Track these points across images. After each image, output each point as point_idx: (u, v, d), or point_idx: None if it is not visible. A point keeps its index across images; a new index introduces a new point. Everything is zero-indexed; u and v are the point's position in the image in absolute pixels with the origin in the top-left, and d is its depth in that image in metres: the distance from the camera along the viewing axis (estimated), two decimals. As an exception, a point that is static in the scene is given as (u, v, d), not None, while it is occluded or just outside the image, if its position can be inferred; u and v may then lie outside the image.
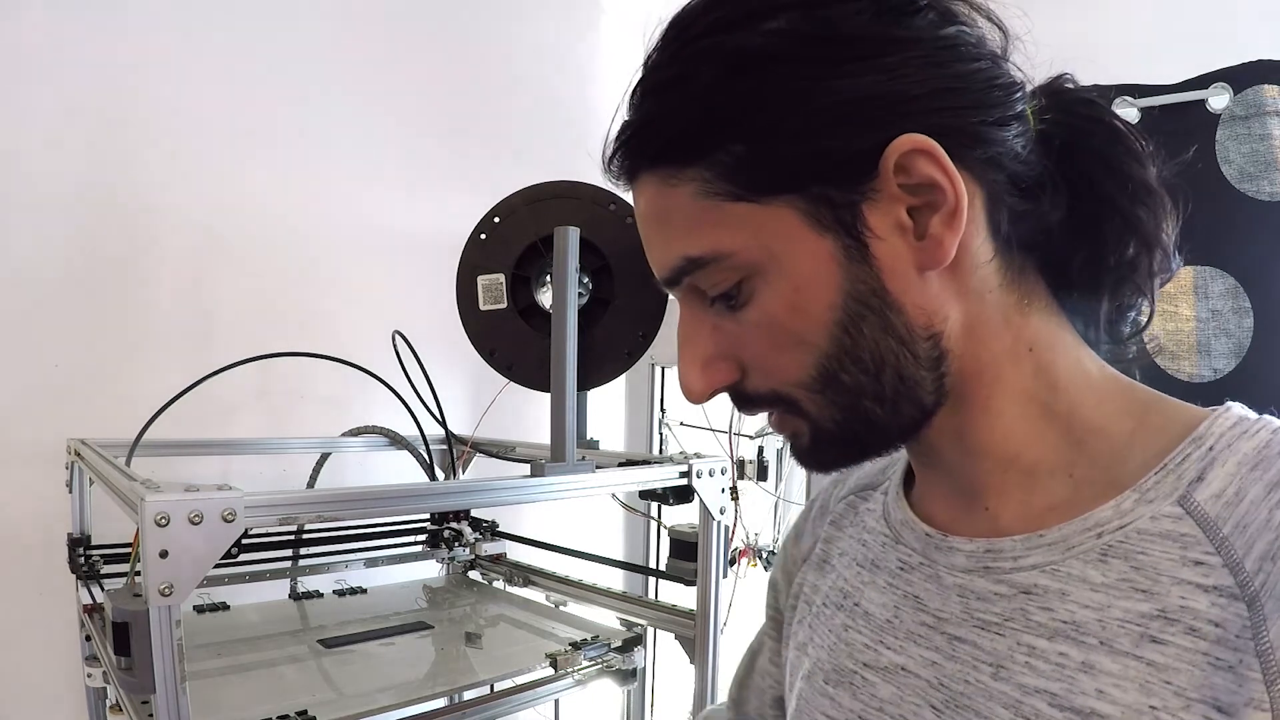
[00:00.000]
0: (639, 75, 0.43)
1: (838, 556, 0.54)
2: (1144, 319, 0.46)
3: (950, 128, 0.38)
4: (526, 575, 1.23)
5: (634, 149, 0.43)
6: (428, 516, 1.23)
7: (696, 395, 0.45)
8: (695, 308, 0.44)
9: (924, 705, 0.43)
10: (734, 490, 1.72)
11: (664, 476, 0.92)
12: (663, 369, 1.85)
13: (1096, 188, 0.42)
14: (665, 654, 1.34)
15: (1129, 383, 0.44)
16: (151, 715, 0.62)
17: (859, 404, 0.41)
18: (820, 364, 0.41)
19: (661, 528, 1.20)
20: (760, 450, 1.90)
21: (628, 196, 0.46)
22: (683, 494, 0.95)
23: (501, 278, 0.93)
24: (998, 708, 0.39)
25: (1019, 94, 0.41)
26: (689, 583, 0.98)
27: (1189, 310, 1.33)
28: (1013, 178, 0.41)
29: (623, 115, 0.44)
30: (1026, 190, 0.41)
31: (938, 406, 0.42)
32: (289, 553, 1.17)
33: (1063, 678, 0.37)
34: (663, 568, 1.05)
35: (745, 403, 0.45)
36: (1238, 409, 0.40)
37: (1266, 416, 0.39)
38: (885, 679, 0.46)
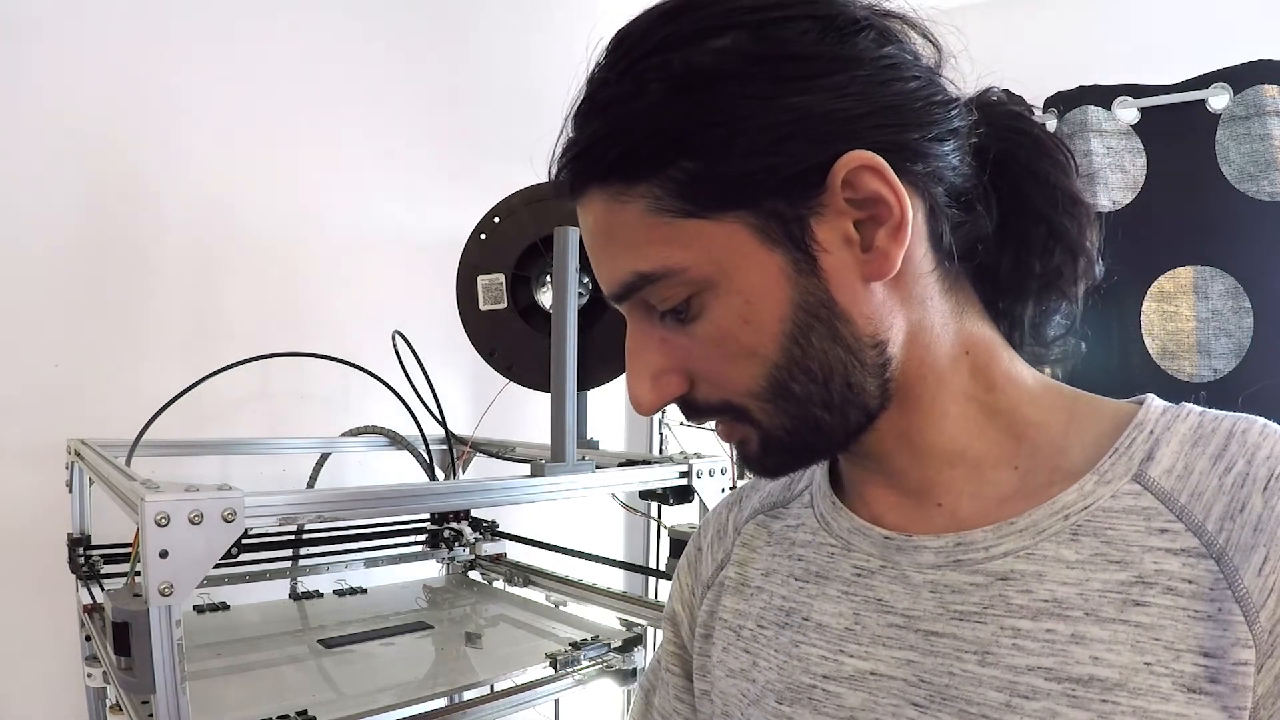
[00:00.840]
0: (585, 91, 0.44)
1: (762, 578, 0.53)
2: (1067, 323, 0.49)
3: (894, 144, 0.39)
4: (526, 575, 1.22)
5: (582, 166, 0.43)
6: (428, 516, 1.23)
7: (646, 407, 0.45)
8: (643, 322, 0.45)
9: (904, 704, 0.43)
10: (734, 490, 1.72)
11: (664, 476, 0.92)
12: (663, 369, 1.85)
13: (1025, 198, 0.45)
14: (665, 654, 1.34)
15: (1051, 381, 0.47)
16: (151, 715, 0.62)
17: (808, 412, 0.43)
18: (771, 374, 0.42)
19: (661, 528, 1.20)
20: (760, 450, 1.89)
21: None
22: (683, 494, 0.95)
23: (501, 278, 0.93)
24: (989, 691, 0.40)
25: (955, 109, 0.42)
26: (689, 583, 0.98)
27: (1189, 310, 1.33)
28: (950, 190, 0.42)
29: (568, 131, 0.44)
30: (963, 202, 0.43)
31: (881, 410, 0.44)
32: (289, 553, 1.17)
33: (1055, 652, 0.39)
34: (663, 568, 1.05)
35: (694, 413, 0.46)
36: (1154, 399, 0.44)
37: (1184, 405, 0.43)
38: (852, 687, 0.45)
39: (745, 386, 0.43)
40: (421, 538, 1.25)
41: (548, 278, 0.92)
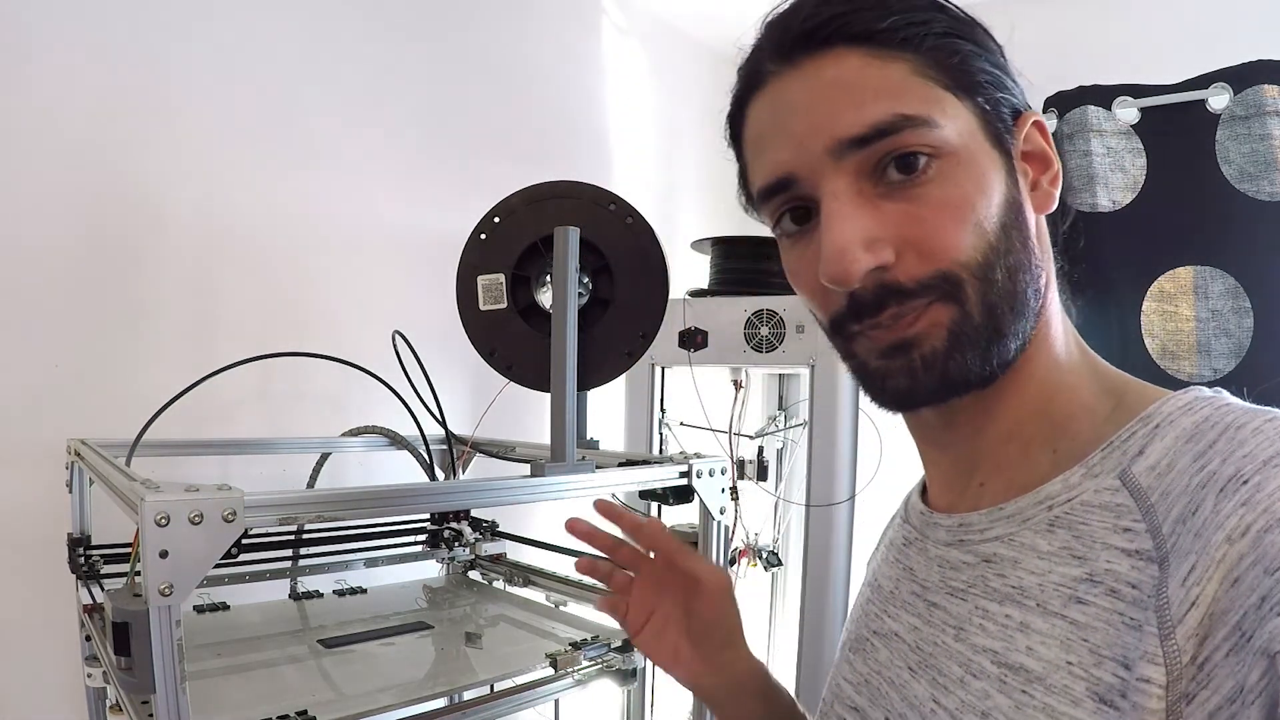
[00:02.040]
0: None
1: (883, 541, 0.60)
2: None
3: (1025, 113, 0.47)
4: (526, 575, 1.22)
5: (845, 22, 0.43)
6: (428, 516, 1.23)
7: (856, 272, 0.42)
8: (854, 185, 0.43)
9: (904, 667, 0.48)
10: (734, 490, 1.72)
11: (664, 476, 0.92)
12: (662, 369, 1.85)
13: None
14: (665, 654, 1.33)
15: (1107, 366, 0.48)
16: (151, 715, 0.62)
17: (999, 307, 0.43)
18: (985, 251, 0.43)
19: (661, 528, 1.19)
20: (760, 450, 1.90)
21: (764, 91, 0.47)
22: (683, 494, 0.95)
23: (501, 278, 0.93)
24: (954, 666, 0.43)
25: None
26: (689, 583, 0.98)
27: (1189, 310, 1.33)
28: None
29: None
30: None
31: (1021, 352, 0.45)
32: (289, 553, 1.17)
33: (1004, 637, 0.41)
34: (663, 568, 1.05)
35: (893, 295, 0.43)
36: (1199, 390, 0.42)
37: (1222, 396, 0.42)
38: (884, 644, 0.51)
39: (966, 257, 0.42)
40: (421, 538, 1.25)
41: (548, 278, 0.92)
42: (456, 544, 1.23)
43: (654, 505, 1.12)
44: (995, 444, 0.47)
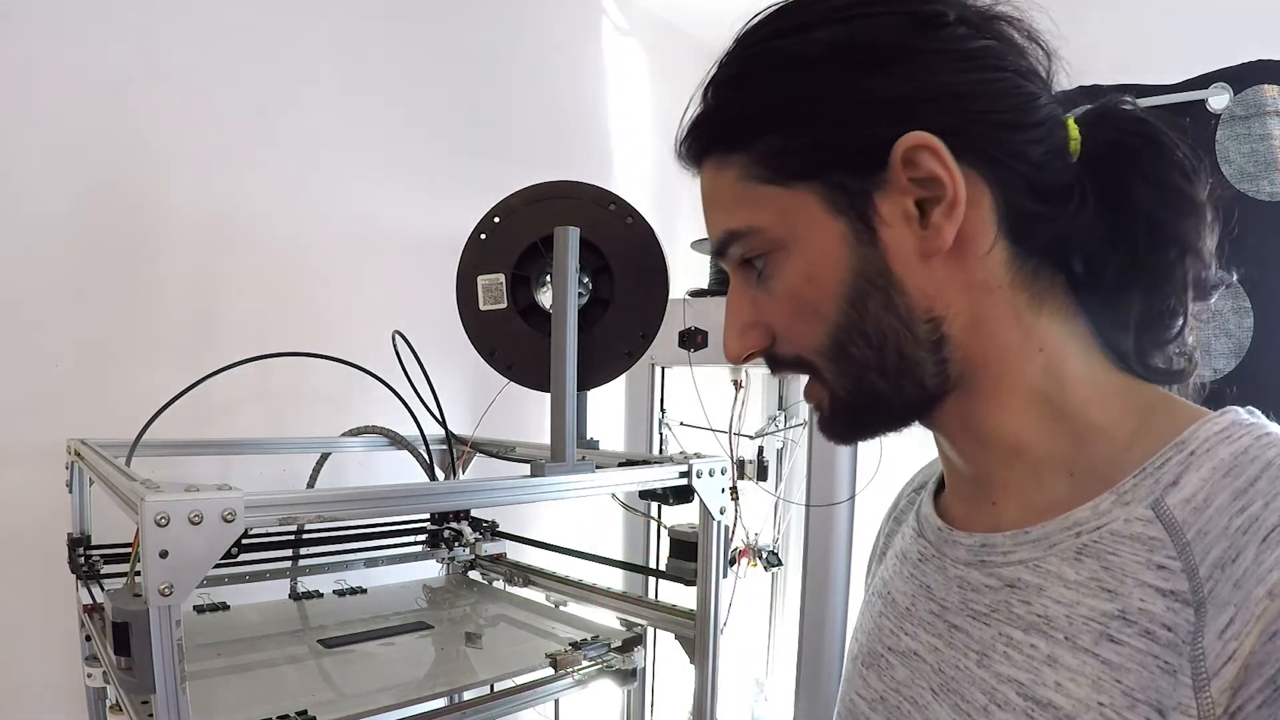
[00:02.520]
0: (710, 74, 0.49)
1: (891, 549, 0.59)
2: (1179, 326, 0.46)
3: (958, 129, 0.41)
4: (526, 575, 1.22)
5: (695, 137, 0.49)
6: (428, 516, 1.23)
7: (732, 356, 0.50)
8: (739, 281, 0.49)
9: (926, 689, 0.46)
10: (734, 490, 1.72)
11: (664, 476, 0.92)
12: (662, 369, 1.85)
13: (1132, 195, 0.43)
14: (665, 654, 1.34)
15: (1139, 384, 0.45)
16: (151, 715, 0.62)
17: (865, 376, 0.45)
18: (832, 334, 0.44)
19: (661, 528, 1.20)
20: (760, 450, 1.90)
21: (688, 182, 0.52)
22: (683, 494, 0.94)
23: (501, 278, 0.93)
24: (977, 693, 0.42)
25: (1043, 105, 0.43)
26: (689, 583, 0.98)
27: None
28: (1029, 181, 0.42)
29: (692, 109, 0.49)
30: (1046, 196, 0.43)
31: (942, 391, 0.45)
32: (289, 553, 1.17)
33: (1031, 669, 0.40)
34: (663, 568, 1.05)
35: (774, 365, 0.50)
36: (1236, 414, 0.40)
37: (1261, 423, 0.40)
38: (902, 662, 0.49)
39: (811, 343, 0.46)
40: (421, 538, 1.24)
41: (548, 278, 0.92)
42: (456, 544, 1.23)
43: (654, 505, 1.12)
44: (996, 466, 0.46)
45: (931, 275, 0.43)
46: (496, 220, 0.94)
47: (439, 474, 1.30)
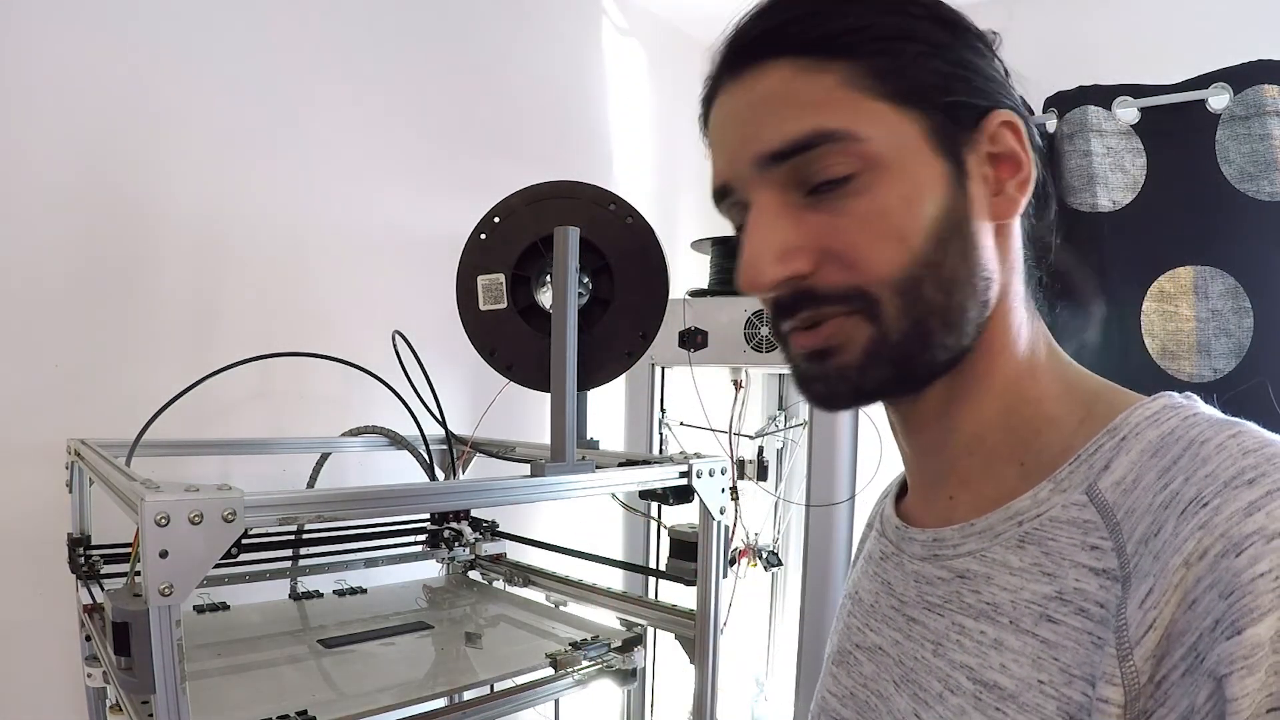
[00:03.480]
0: None
1: (863, 552, 0.60)
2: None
3: (1023, 118, 0.45)
4: (526, 575, 1.22)
5: (779, 35, 0.44)
6: (428, 516, 1.23)
7: (765, 282, 0.44)
8: (778, 196, 0.44)
9: (889, 681, 0.48)
10: (734, 490, 1.72)
11: (664, 476, 0.92)
12: (662, 369, 1.85)
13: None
14: (665, 654, 1.34)
15: (1087, 375, 0.47)
16: (151, 715, 0.62)
17: (927, 321, 0.43)
18: (911, 266, 0.42)
19: (661, 528, 1.20)
20: (760, 450, 1.90)
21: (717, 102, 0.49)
22: (683, 494, 0.94)
23: (501, 278, 0.93)
24: (933, 681, 0.43)
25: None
26: (689, 583, 0.98)
27: (1189, 310, 1.32)
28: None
29: (761, 9, 0.46)
30: (1038, 195, 0.47)
31: (963, 355, 0.45)
32: (289, 553, 1.17)
33: (979, 653, 0.41)
34: (663, 568, 1.05)
35: (808, 300, 0.44)
36: (1169, 398, 0.42)
37: (1191, 404, 0.41)
38: (868, 657, 0.51)
39: (885, 271, 0.43)
40: (421, 538, 1.24)
41: (548, 278, 0.92)
42: (456, 544, 1.23)
43: (654, 505, 1.12)
44: (958, 455, 0.47)
45: (989, 240, 0.45)
46: (496, 220, 0.94)
47: (439, 474, 1.30)
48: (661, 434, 1.85)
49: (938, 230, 0.42)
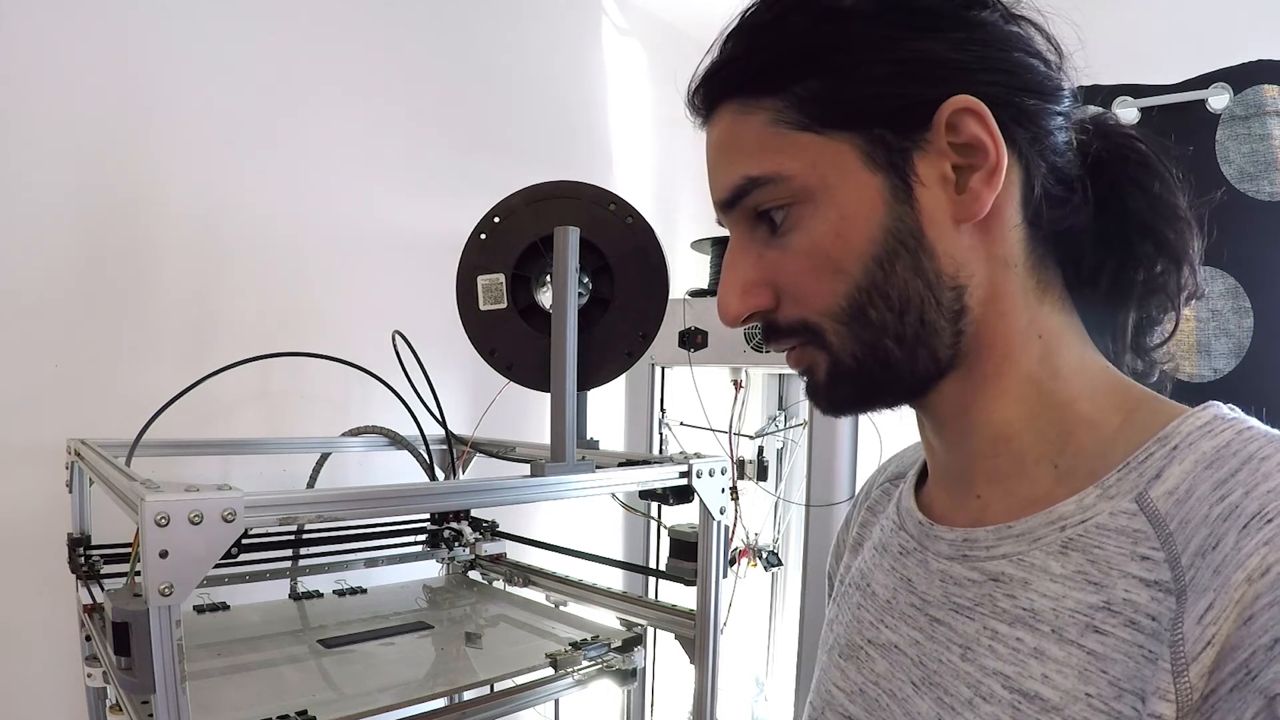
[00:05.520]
0: (734, 22, 0.46)
1: (868, 540, 0.58)
2: (1169, 331, 0.49)
3: (1000, 100, 0.41)
4: (526, 575, 1.22)
5: (720, 80, 0.46)
6: (428, 516, 1.23)
7: (731, 317, 0.47)
8: (744, 236, 0.47)
9: (906, 682, 0.46)
10: (734, 490, 1.72)
11: (664, 476, 0.92)
12: (663, 369, 1.85)
13: (1129, 210, 0.45)
14: (665, 654, 1.34)
15: (1127, 381, 0.46)
16: (151, 715, 0.62)
17: (880, 342, 0.43)
18: (851, 295, 0.43)
19: (661, 528, 1.20)
20: (760, 450, 1.90)
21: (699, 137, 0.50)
22: (683, 494, 0.94)
23: (501, 278, 0.93)
24: (962, 686, 0.42)
25: (1068, 96, 0.44)
26: (689, 583, 0.98)
27: (1189, 310, 1.32)
28: (1051, 167, 0.44)
29: (711, 55, 0.47)
30: (1061, 183, 0.44)
31: (951, 365, 0.44)
32: (289, 553, 1.17)
33: (1016, 661, 0.40)
34: (663, 568, 1.05)
35: (773, 334, 0.47)
36: (1217, 408, 0.41)
37: (1241, 418, 0.40)
38: (882, 655, 0.49)
39: (826, 304, 0.44)
40: (421, 538, 1.25)
41: (548, 278, 0.92)
42: (456, 544, 1.23)
43: (654, 505, 1.12)
44: (982, 454, 0.46)
45: (960, 242, 0.43)
46: (496, 220, 0.94)
47: (439, 474, 1.30)
48: (661, 434, 1.85)
49: (877, 252, 0.42)
